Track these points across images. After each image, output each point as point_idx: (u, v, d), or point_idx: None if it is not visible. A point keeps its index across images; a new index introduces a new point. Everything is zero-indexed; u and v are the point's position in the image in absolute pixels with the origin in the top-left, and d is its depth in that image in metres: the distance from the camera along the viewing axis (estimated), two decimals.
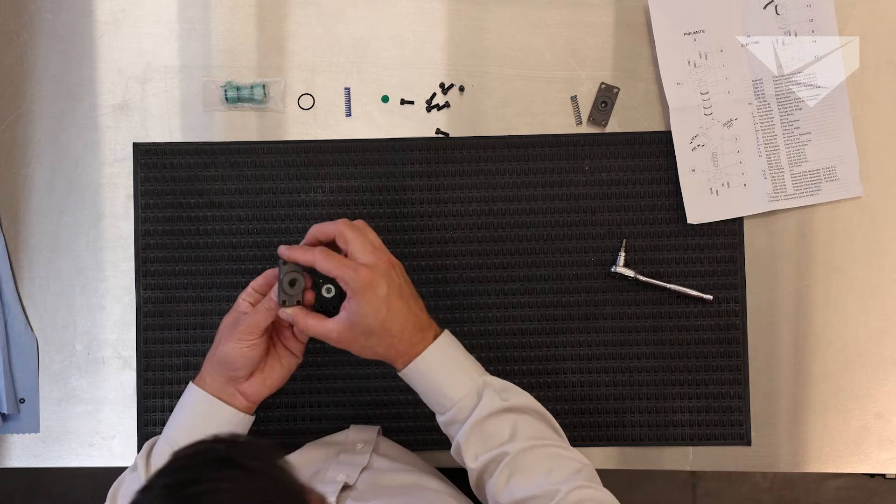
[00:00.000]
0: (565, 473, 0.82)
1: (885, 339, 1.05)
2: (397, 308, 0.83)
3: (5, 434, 1.06)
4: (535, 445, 0.83)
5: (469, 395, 0.85)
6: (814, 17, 1.04)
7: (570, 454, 0.85)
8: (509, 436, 0.84)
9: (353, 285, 0.82)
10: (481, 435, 0.84)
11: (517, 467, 0.82)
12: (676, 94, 1.04)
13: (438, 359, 0.85)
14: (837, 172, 1.04)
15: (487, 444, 0.84)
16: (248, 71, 1.07)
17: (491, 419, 0.84)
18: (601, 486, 0.83)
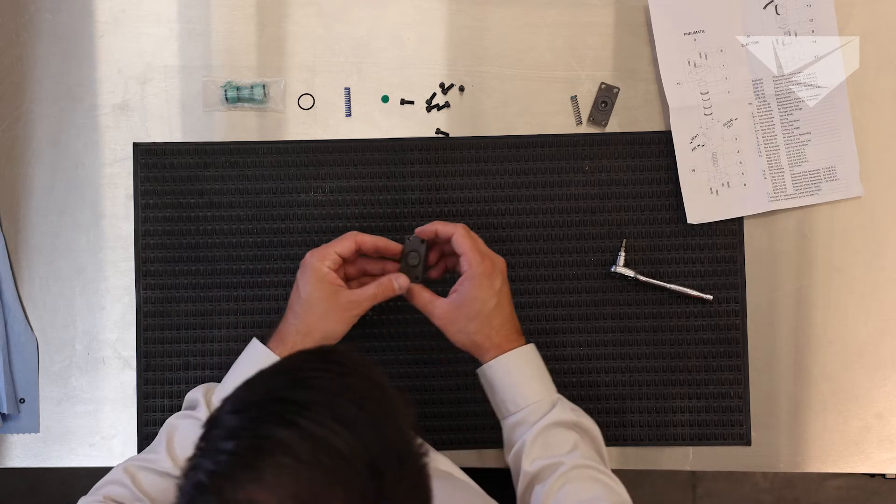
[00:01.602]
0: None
1: (885, 339, 1.05)
2: (504, 305, 0.89)
3: (5, 434, 1.06)
4: (590, 466, 0.85)
5: (545, 400, 0.88)
6: (814, 17, 1.04)
7: (618, 488, 0.86)
8: (570, 449, 0.86)
9: (475, 269, 0.88)
10: (546, 441, 0.86)
11: (570, 479, 0.84)
12: (676, 94, 1.04)
13: (525, 360, 0.90)
14: (837, 172, 1.04)
15: (549, 451, 0.86)
16: (248, 71, 1.07)
17: (558, 429, 0.87)
18: None
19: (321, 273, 0.88)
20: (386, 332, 1.05)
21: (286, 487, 0.50)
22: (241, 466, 0.51)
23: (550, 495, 0.83)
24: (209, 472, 0.52)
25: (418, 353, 1.05)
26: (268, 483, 0.50)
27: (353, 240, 0.91)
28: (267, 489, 0.50)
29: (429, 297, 0.91)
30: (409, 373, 1.05)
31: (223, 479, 0.51)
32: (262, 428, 0.52)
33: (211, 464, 0.52)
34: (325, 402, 0.53)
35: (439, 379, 1.05)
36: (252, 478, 0.50)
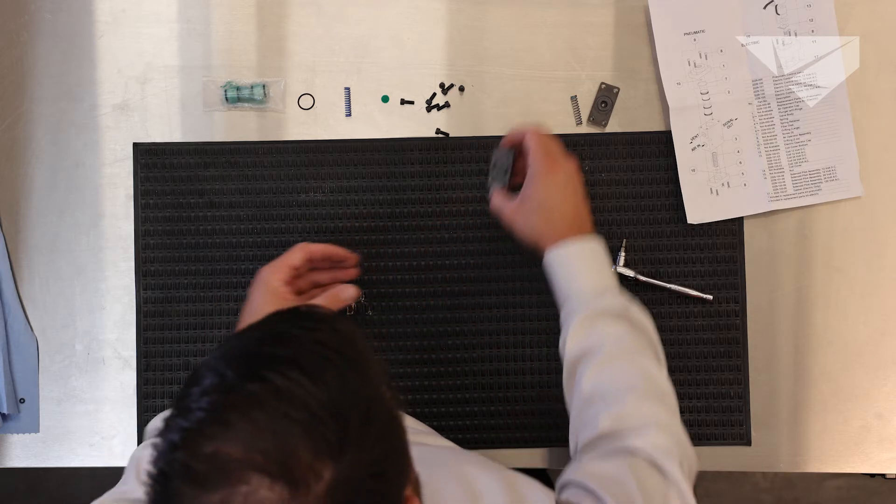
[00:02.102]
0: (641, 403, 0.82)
1: (885, 339, 1.05)
2: (565, 198, 0.91)
3: (5, 434, 1.06)
4: (629, 354, 0.86)
5: (595, 289, 0.89)
6: (814, 17, 1.04)
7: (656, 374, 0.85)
8: (612, 337, 0.86)
9: (537, 166, 0.91)
10: (589, 329, 0.87)
11: (603, 365, 0.85)
12: (676, 94, 1.04)
13: (582, 251, 0.90)
14: (837, 172, 1.04)
15: (590, 339, 0.86)
16: (248, 71, 1.07)
17: (604, 318, 0.87)
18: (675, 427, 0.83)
19: (273, 287, 0.90)
20: (386, 333, 1.05)
21: (253, 439, 0.52)
22: (211, 422, 0.53)
23: (583, 381, 0.85)
24: (181, 430, 0.53)
25: (418, 353, 1.05)
26: (234, 436, 0.52)
27: (303, 251, 0.92)
28: (234, 442, 0.52)
29: (500, 201, 0.95)
30: (410, 373, 1.05)
31: (194, 435, 0.53)
32: (234, 384, 0.54)
33: (184, 421, 0.54)
34: (293, 356, 0.55)
35: (440, 379, 1.05)
36: (220, 432, 0.52)
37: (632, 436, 0.79)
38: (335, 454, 0.52)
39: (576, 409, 0.86)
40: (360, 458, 0.53)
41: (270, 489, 0.51)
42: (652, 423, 0.80)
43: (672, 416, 0.83)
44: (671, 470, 0.77)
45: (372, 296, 1.05)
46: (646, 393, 0.83)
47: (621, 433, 0.80)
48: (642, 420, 0.80)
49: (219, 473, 0.51)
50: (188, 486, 0.52)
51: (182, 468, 0.52)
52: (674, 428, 0.82)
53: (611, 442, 0.80)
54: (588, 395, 0.84)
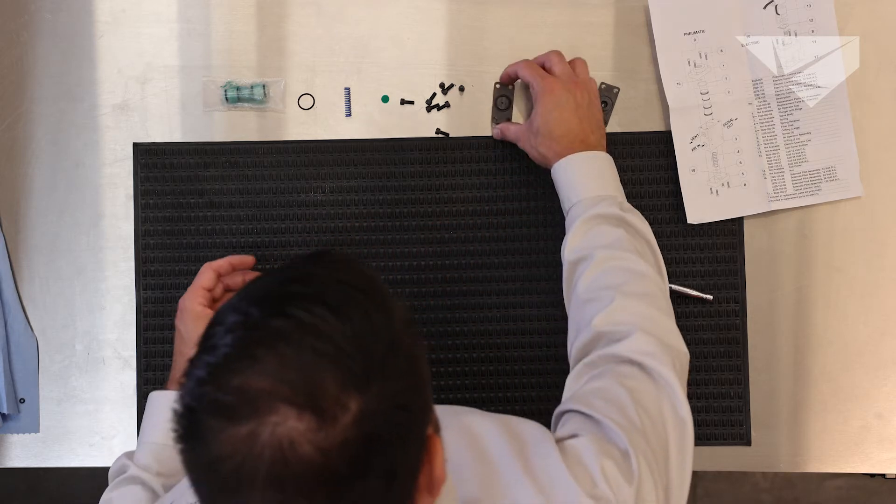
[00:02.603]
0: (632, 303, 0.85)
1: (885, 339, 1.05)
2: (566, 118, 0.95)
3: (5, 434, 1.06)
4: (621, 258, 0.89)
5: (595, 196, 0.93)
6: (814, 17, 1.04)
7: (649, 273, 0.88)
8: (608, 242, 0.90)
9: (537, 89, 0.97)
10: (587, 233, 0.91)
11: (599, 269, 0.88)
12: (676, 94, 1.04)
13: (585, 162, 0.94)
14: (837, 172, 1.04)
15: (588, 242, 0.90)
16: (248, 71, 1.07)
17: (602, 223, 0.90)
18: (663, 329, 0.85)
19: (196, 312, 0.94)
20: None
21: (280, 372, 0.52)
22: (238, 357, 0.53)
23: (578, 284, 0.89)
24: (207, 365, 0.54)
25: None
26: (261, 369, 0.52)
27: (210, 271, 0.96)
28: (261, 375, 0.52)
29: (503, 127, 1.03)
30: None
31: (220, 370, 0.53)
32: (258, 320, 0.54)
33: (210, 357, 0.54)
34: (316, 293, 0.56)
35: (440, 379, 1.05)
36: (247, 365, 0.53)
37: (618, 343, 0.82)
38: (361, 386, 0.53)
39: (573, 311, 0.90)
40: (385, 390, 0.54)
41: (298, 420, 0.51)
42: (637, 326, 0.83)
43: (661, 314, 0.86)
44: (660, 371, 0.80)
45: None
46: (633, 292, 0.86)
47: (609, 335, 0.83)
48: (629, 321, 0.83)
49: (247, 405, 0.52)
50: (216, 419, 0.52)
51: (210, 402, 0.53)
52: (661, 327, 0.85)
53: (601, 346, 0.83)
54: (583, 297, 0.88)
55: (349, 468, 0.52)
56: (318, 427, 0.51)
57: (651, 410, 0.78)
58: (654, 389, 0.79)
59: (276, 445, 0.51)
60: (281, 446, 0.51)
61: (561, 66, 0.99)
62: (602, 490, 0.71)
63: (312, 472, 0.51)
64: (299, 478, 0.51)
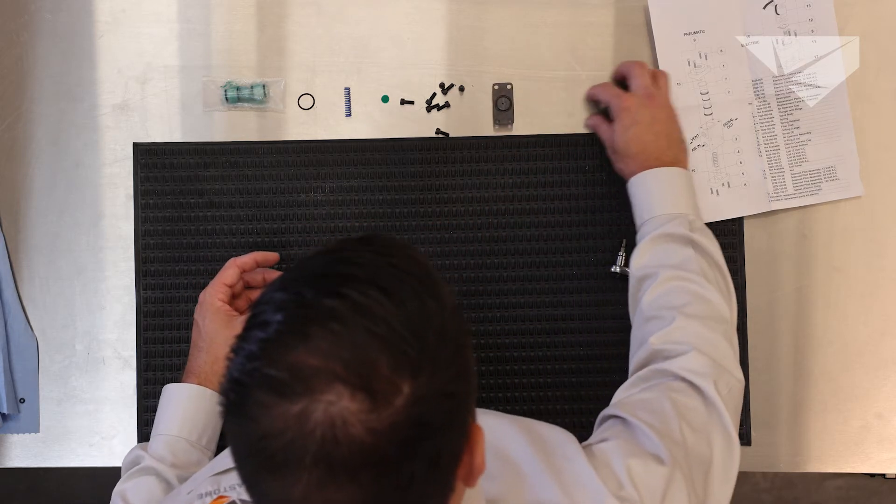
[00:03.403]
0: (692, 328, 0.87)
1: (885, 339, 1.05)
2: (640, 135, 0.97)
3: (5, 434, 1.06)
4: (687, 279, 0.90)
5: (667, 214, 0.94)
6: (814, 17, 1.04)
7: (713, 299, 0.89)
8: (677, 261, 0.91)
9: (614, 108, 0.99)
10: (655, 250, 0.92)
11: (663, 287, 0.90)
12: (676, 95, 1.04)
13: (658, 179, 0.96)
14: (838, 172, 1.04)
15: (654, 260, 0.92)
16: (248, 71, 1.07)
17: (670, 241, 0.92)
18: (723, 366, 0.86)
19: (216, 307, 0.95)
20: None
21: (333, 351, 0.51)
22: (290, 333, 0.52)
23: (643, 301, 0.91)
24: (258, 340, 0.53)
25: None
26: (315, 347, 0.52)
27: (234, 267, 0.97)
28: (314, 352, 0.51)
29: (597, 121, 1.03)
30: None
31: (272, 345, 0.52)
32: (310, 299, 0.54)
33: (261, 332, 0.53)
34: (369, 275, 0.55)
35: None
36: (300, 342, 0.52)
37: (672, 360, 0.83)
38: (414, 370, 0.52)
39: (635, 326, 0.92)
40: (436, 376, 0.53)
41: (352, 399, 0.51)
42: (693, 346, 0.84)
43: (720, 337, 0.87)
44: (707, 390, 0.81)
45: None
46: (695, 315, 0.87)
47: (665, 353, 0.84)
48: (686, 341, 0.85)
49: (300, 382, 0.51)
50: (268, 395, 0.51)
51: (262, 377, 0.52)
52: (718, 350, 0.86)
53: (655, 362, 0.84)
54: (646, 314, 0.90)
55: (397, 451, 0.52)
56: (371, 408, 0.51)
57: (696, 426, 0.78)
58: (702, 407, 0.80)
59: (328, 424, 0.50)
60: (333, 425, 0.50)
61: (639, 80, 0.99)
62: (628, 492, 0.71)
63: (362, 454, 0.51)
64: (348, 459, 0.51)
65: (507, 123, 1.05)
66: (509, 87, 1.05)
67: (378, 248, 0.58)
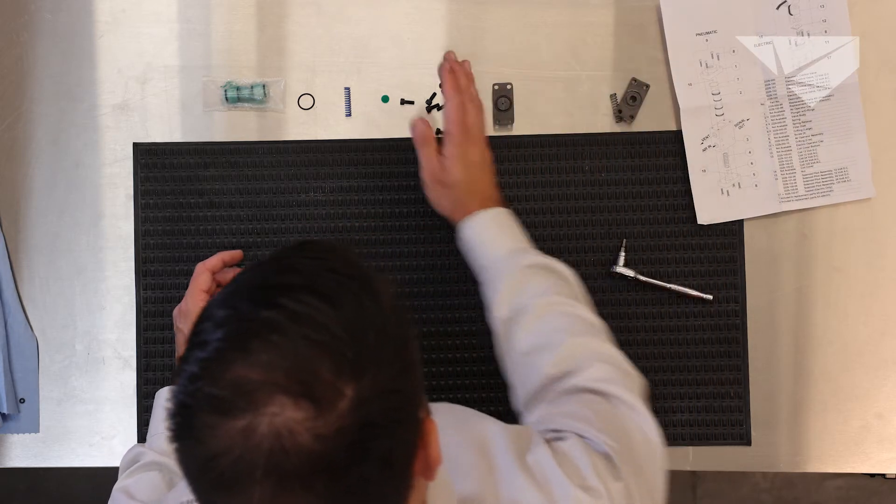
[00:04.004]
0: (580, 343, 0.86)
1: (885, 339, 1.05)
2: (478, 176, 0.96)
3: (5, 434, 1.06)
4: (562, 303, 0.89)
5: (516, 249, 0.93)
6: (827, 18, 1.04)
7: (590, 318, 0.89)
8: (542, 291, 0.89)
9: (454, 143, 0.95)
10: (518, 286, 0.90)
11: (540, 316, 0.88)
12: (688, 95, 1.04)
13: (496, 219, 0.95)
14: (849, 173, 1.04)
15: (520, 295, 0.89)
16: (248, 71, 1.07)
17: (531, 274, 0.90)
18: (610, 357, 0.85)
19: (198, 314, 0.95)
20: None
21: (274, 362, 0.52)
22: (230, 349, 0.53)
23: (518, 340, 0.88)
24: (199, 361, 0.53)
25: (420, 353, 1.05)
26: (255, 360, 0.52)
27: (205, 272, 0.98)
28: (255, 366, 0.52)
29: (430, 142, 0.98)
30: None
31: (213, 363, 0.53)
32: (248, 313, 0.54)
33: (201, 353, 0.53)
34: (306, 282, 0.55)
35: (440, 379, 1.05)
36: (240, 358, 0.52)
37: (576, 376, 0.82)
38: (356, 372, 0.53)
39: (513, 366, 0.89)
40: (379, 375, 0.54)
41: (296, 408, 0.51)
42: (591, 358, 0.83)
43: (613, 348, 0.87)
44: (623, 396, 0.80)
45: None
46: (581, 332, 0.87)
47: (565, 376, 0.83)
48: (582, 357, 0.84)
49: (242, 398, 0.51)
50: (212, 415, 0.51)
51: (204, 396, 0.52)
52: (616, 358, 0.85)
53: (557, 385, 0.83)
54: (526, 350, 0.87)
55: (347, 455, 0.52)
56: (316, 415, 0.51)
57: (619, 430, 0.78)
58: (618, 413, 0.80)
59: (274, 436, 0.50)
60: (279, 436, 0.50)
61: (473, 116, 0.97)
62: (593, 483, 0.72)
63: (311, 461, 0.51)
64: (298, 468, 0.51)
65: (507, 123, 1.05)
66: (509, 87, 1.05)
67: (313, 253, 0.59)
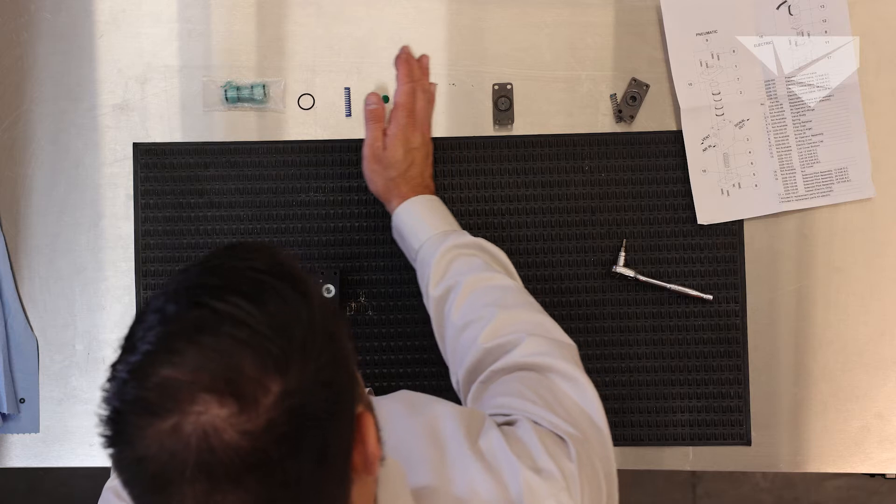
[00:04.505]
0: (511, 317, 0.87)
1: (885, 339, 1.05)
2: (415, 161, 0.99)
3: (5, 434, 1.06)
4: (487, 278, 0.91)
5: (444, 231, 0.96)
6: (827, 18, 1.04)
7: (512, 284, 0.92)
8: (470, 268, 0.92)
9: (399, 125, 1.00)
10: (449, 265, 0.93)
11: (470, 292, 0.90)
12: (688, 95, 1.04)
13: (428, 204, 0.98)
14: (849, 174, 1.04)
15: (451, 273, 0.92)
16: (248, 71, 1.07)
17: (460, 253, 0.93)
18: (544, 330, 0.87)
19: None
20: (386, 332, 1.05)
21: (200, 362, 0.52)
22: (158, 351, 0.53)
23: (452, 315, 0.90)
24: (128, 364, 0.54)
25: (418, 353, 1.05)
26: (182, 361, 0.52)
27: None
28: (182, 367, 0.52)
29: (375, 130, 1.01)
30: (409, 373, 1.05)
31: (142, 366, 0.53)
32: (175, 314, 0.55)
33: (131, 357, 0.54)
34: (230, 281, 0.56)
35: (439, 379, 1.05)
36: (167, 359, 0.53)
37: (510, 353, 0.83)
38: (281, 367, 0.53)
39: (450, 341, 0.91)
40: (306, 367, 0.54)
41: (220, 406, 0.51)
42: (525, 332, 0.84)
43: (542, 315, 0.88)
44: (559, 367, 0.81)
45: (372, 296, 1.05)
46: (512, 304, 0.88)
47: (498, 349, 0.84)
48: (516, 330, 0.85)
49: (168, 399, 0.51)
50: (140, 417, 0.52)
51: (134, 400, 0.52)
52: (546, 328, 0.87)
53: (494, 364, 0.83)
54: (461, 324, 0.89)
55: (278, 450, 0.52)
56: (240, 411, 0.51)
57: (564, 404, 0.78)
58: (559, 382, 0.80)
59: (200, 435, 0.51)
60: (206, 435, 0.51)
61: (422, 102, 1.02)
62: (544, 463, 0.72)
63: (240, 458, 0.51)
64: (227, 465, 0.51)
65: (507, 123, 1.05)
66: (509, 87, 1.05)
67: (240, 253, 0.59)
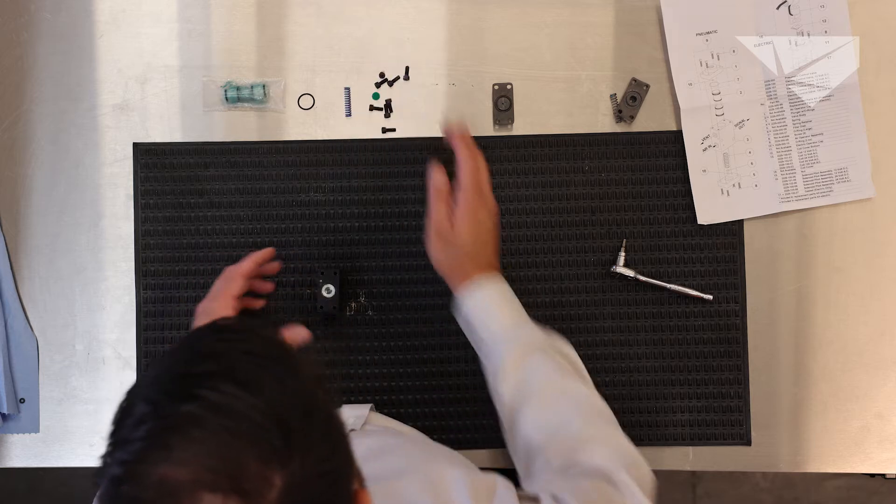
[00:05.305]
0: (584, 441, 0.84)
1: (885, 339, 1.05)
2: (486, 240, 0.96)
3: (5, 434, 1.06)
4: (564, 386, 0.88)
5: (516, 324, 0.93)
6: (827, 18, 1.04)
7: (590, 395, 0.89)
8: (544, 373, 0.88)
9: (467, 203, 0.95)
10: (521, 368, 0.89)
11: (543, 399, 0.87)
12: (688, 95, 1.04)
13: (497, 291, 0.94)
14: (849, 174, 1.04)
15: (523, 380, 0.88)
16: (248, 71, 1.07)
17: (532, 353, 0.89)
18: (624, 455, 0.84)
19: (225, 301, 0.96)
20: (386, 333, 1.05)
21: (198, 459, 0.50)
22: (152, 449, 0.51)
23: (526, 428, 0.86)
24: (122, 462, 0.52)
25: (418, 353, 1.05)
26: (178, 458, 0.50)
27: (239, 277, 0.97)
28: (179, 464, 0.50)
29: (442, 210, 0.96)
30: (409, 373, 1.05)
31: (137, 465, 0.51)
32: (168, 408, 0.52)
33: (123, 454, 0.52)
34: (224, 369, 0.54)
35: (439, 379, 1.05)
36: (163, 457, 0.50)
37: (580, 461, 0.81)
38: (284, 460, 0.51)
39: (522, 455, 0.87)
40: (308, 459, 0.52)
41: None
42: (595, 441, 0.83)
43: (613, 429, 0.86)
44: (620, 478, 0.79)
45: (372, 296, 1.05)
46: (586, 418, 0.86)
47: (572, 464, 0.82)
48: (586, 442, 0.83)
49: (169, 499, 0.50)
50: None
51: (130, 501, 0.50)
52: (615, 440, 0.85)
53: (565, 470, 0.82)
54: (535, 444, 0.85)
55: None
56: None
57: None
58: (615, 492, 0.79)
59: None
60: None
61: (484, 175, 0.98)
62: None
63: None
64: None
65: (507, 123, 1.05)
66: (509, 87, 1.05)
67: (229, 335, 0.57)
